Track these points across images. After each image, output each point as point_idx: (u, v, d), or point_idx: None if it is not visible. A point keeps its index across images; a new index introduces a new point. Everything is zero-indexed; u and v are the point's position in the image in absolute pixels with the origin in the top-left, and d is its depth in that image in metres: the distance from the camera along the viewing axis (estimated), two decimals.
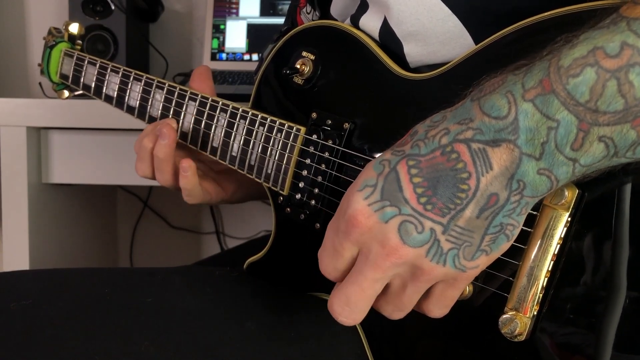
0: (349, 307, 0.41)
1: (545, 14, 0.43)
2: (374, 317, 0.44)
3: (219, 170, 0.74)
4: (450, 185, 0.37)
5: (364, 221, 0.39)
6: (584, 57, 0.34)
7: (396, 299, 0.42)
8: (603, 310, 0.41)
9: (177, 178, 0.68)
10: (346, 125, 0.56)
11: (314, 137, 0.58)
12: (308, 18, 0.71)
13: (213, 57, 1.43)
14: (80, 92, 0.83)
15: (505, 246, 0.39)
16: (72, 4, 1.36)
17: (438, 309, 0.43)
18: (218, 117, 0.66)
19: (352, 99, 0.57)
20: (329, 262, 0.43)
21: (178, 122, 0.70)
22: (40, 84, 1.15)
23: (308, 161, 0.59)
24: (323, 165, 0.57)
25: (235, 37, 1.44)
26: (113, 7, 1.35)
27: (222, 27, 1.44)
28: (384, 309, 0.43)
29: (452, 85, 0.48)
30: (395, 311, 0.43)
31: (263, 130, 0.62)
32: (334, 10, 0.65)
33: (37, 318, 0.52)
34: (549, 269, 0.42)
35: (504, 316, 0.43)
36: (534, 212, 0.42)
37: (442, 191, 0.37)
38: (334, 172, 0.57)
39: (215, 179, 0.73)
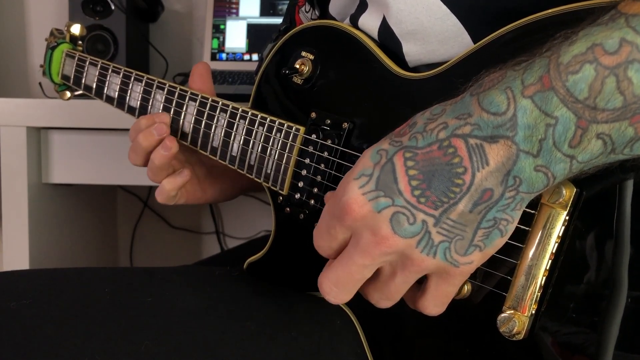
0: (337, 287, 0.42)
1: (544, 12, 0.43)
2: (373, 316, 0.44)
3: (208, 173, 0.74)
4: (445, 180, 0.37)
5: (357, 209, 0.39)
6: (583, 54, 0.34)
7: (384, 287, 0.42)
8: (604, 309, 0.41)
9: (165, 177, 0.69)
10: (345, 125, 0.56)
11: (313, 136, 0.58)
12: (307, 17, 0.71)
13: (213, 57, 1.43)
14: (82, 92, 0.83)
15: (499, 242, 0.39)
16: (72, 4, 1.36)
17: (434, 305, 0.43)
18: (218, 117, 0.66)
19: (351, 99, 0.57)
20: (323, 241, 0.44)
21: (178, 122, 0.70)
22: (40, 84, 1.15)
23: (307, 161, 0.59)
24: (322, 165, 0.57)
25: (235, 37, 1.44)
26: (113, 7, 1.35)
27: (222, 27, 1.44)
28: (372, 295, 0.44)
29: (450, 84, 0.48)
30: (383, 299, 0.43)
31: (263, 130, 0.62)
32: (333, 9, 0.66)
33: (37, 317, 0.52)
34: (547, 267, 0.42)
35: (502, 315, 0.43)
36: (532, 211, 0.42)
37: (437, 185, 0.37)
38: (333, 172, 0.57)
39: (201, 180, 0.73)
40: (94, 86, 0.80)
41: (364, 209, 0.39)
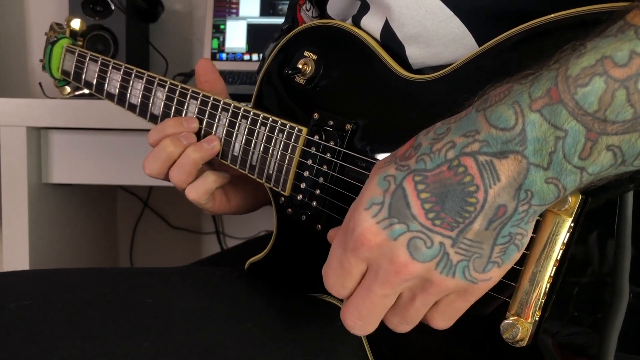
0: (361, 320, 0.41)
1: (549, 16, 0.43)
2: None
3: (230, 182, 0.73)
4: (458, 199, 0.37)
5: (372, 239, 0.38)
6: (592, 67, 0.34)
7: (404, 312, 0.42)
8: (606, 313, 0.41)
9: (191, 180, 0.66)
10: (348, 126, 0.56)
11: (316, 137, 0.58)
12: (308, 15, 0.70)
13: (213, 57, 1.43)
14: (82, 89, 0.83)
15: (516, 256, 0.39)
16: (72, 4, 1.36)
17: (441, 319, 0.42)
18: (219, 116, 0.66)
19: (354, 100, 0.57)
20: (336, 280, 0.42)
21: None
22: (40, 84, 1.15)
23: (309, 162, 0.58)
24: (325, 166, 0.57)
25: (235, 37, 1.44)
26: (113, 7, 1.35)
27: (222, 27, 1.44)
28: (390, 320, 0.43)
29: (455, 87, 0.48)
30: (402, 324, 0.43)
31: (265, 131, 0.62)
32: (331, 10, 0.65)
33: (37, 318, 0.52)
34: (552, 274, 0.41)
35: (506, 321, 0.43)
36: (537, 218, 0.41)
37: (451, 205, 0.37)
38: (335, 173, 0.56)
39: (225, 189, 0.71)
40: (95, 82, 0.79)
41: (379, 237, 0.38)
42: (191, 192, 0.66)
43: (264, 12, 1.44)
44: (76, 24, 0.87)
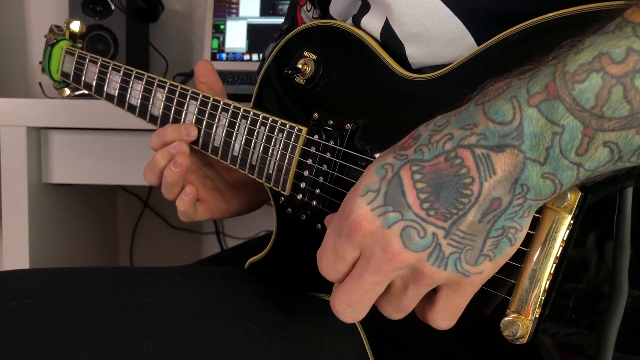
0: (350, 307, 0.42)
1: (548, 15, 0.43)
2: (374, 318, 0.44)
3: (230, 183, 0.73)
4: (453, 191, 0.37)
5: (367, 226, 0.39)
6: (589, 63, 0.34)
7: (396, 300, 0.42)
8: (604, 312, 0.41)
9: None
10: (348, 126, 0.56)
11: (316, 137, 0.58)
12: (308, 16, 0.71)
13: (213, 57, 1.43)
14: (82, 90, 0.83)
15: (509, 251, 0.39)
16: (72, 4, 1.36)
17: (443, 319, 0.42)
18: (219, 116, 0.66)
19: (354, 100, 0.57)
20: (330, 264, 0.43)
21: (178, 122, 0.69)
22: (40, 84, 1.16)
23: (309, 161, 0.58)
24: (324, 166, 0.57)
25: (235, 37, 1.44)
26: (113, 7, 1.35)
27: (222, 27, 1.44)
28: (384, 308, 0.43)
29: (454, 86, 0.48)
30: (395, 312, 0.43)
31: (264, 130, 0.62)
32: (333, 10, 0.65)
33: (37, 317, 0.52)
34: (551, 271, 0.41)
35: (506, 319, 0.43)
36: (537, 215, 0.42)
37: (445, 196, 0.37)
38: (335, 173, 0.56)
39: (223, 192, 0.72)
40: (94, 84, 0.79)
41: (373, 224, 0.39)
42: (181, 219, 0.71)
43: (264, 12, 1.44)
44: (75, 26, 0.87)
